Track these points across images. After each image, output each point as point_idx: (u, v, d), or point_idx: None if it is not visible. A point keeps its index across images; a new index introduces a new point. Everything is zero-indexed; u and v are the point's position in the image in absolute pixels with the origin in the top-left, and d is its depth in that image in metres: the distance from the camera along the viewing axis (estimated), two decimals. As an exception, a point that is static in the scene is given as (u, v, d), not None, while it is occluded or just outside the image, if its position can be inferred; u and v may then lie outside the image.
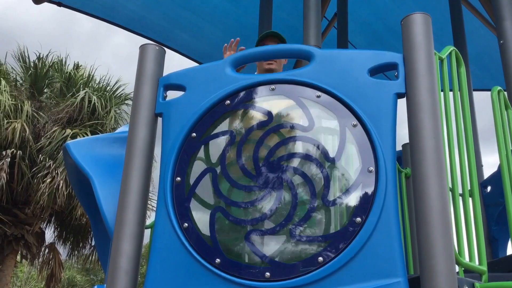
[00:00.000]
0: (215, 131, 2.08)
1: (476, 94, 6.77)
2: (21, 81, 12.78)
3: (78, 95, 12.14)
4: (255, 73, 3.00)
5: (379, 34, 7.10)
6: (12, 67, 12.80)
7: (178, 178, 2.02)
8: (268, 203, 1.90)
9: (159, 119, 2.22)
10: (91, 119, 12.30)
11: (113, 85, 13.46)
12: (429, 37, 1.87)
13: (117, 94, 13.40)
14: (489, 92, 2.48)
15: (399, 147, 3.83)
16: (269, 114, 2.02)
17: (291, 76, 2.06)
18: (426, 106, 1.76)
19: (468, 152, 2.13)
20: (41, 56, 12.76)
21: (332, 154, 1.89)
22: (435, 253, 1.60)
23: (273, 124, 2.00)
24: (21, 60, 12.65)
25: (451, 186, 2.01)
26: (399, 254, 1.66)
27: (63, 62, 13.24)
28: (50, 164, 11.02)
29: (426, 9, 6.62)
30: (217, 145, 2.07)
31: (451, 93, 2.21)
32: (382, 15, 6.86)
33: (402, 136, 1.94)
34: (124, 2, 6.80)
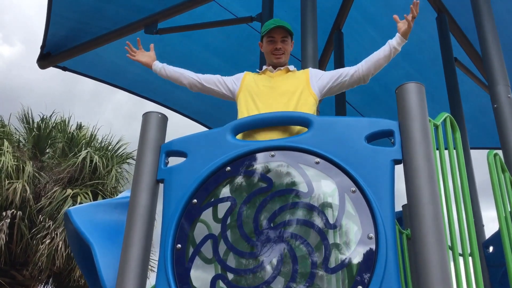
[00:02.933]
0: (216, 198, 2.10)
1: (474, 151, 6.85)
2: (24, 142, 12.91)
3: (80, 155, 12.22)
4: (265, 66, 2.97)
5: (375, 94, 7.25)
6: (15, 128, 12.99)
7: (179, 245, 2.02)
8: (268, 270, 1.89)
9: (161, 185, 2.25)
10: (92, 179, 12.32)
11: (115, 145, 13.60)
12: (423, 105, 1.93)
13: (119, 154, 13.49)
14: (486, 151, 2.52)
15: (399, 207, 3.84)
16: (269, 180, 2.05)
17: (290, 143, 2.10)
18: (423, 173, 1.80)
19: (467, 214, 2.15)
20: (44, 117, 12.97)
21: (332, 220, 1.91)
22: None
23: (273, 190, 2.03)
24: (25, 121, 12.85)
25: (451, 245, 2.02)
26: (401, 324, 1.65)
27: (66, 123, 13.44)
28: (50, 224, 10.94)
29: (421, 71, 6.85)
30: (218, 211, 2.09)
31: (447, 154, 2.26)
32: (378, 76, 7.00)
33: (402, 191, 1.97)
34: (126, 65, 7.01)
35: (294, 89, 2.76)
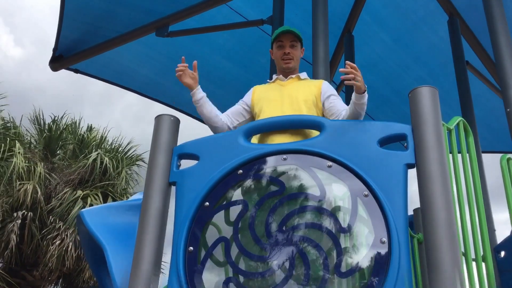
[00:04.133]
0: (228, 201, 2.10)
1: (483, 155, 6.80)
2: (35, 143, 12.99)
3: (90, 157, 12.28)
4: (275, 75, 2.97)
5: (387, 97, 7.23)
6: (27, 129, 13.08)
7: (191, 248, 2.03)
8: (280, 273, 1.89)
9: (173, 188, 2.26)
10: (102, 180, 12.37)
11: (125, 146, 13.65)
12: (436, 109, 1.92)
13: (129, 155, 13.53)
14: (497, 154, 2.51)
15: (410, 211, 3.81)
16: (281, 183, 2.05)
17: (302, 146, 2.10)
18: (436, 177, 1.79)
19: (480, 219, 2.13)
20: (56, 119, 13.05)
21: (344, 224, 1.90)
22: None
23: (285, 193, 2.03)
24: (36, 123, 12.94)
25: (463, 251, 2.01)
26: (415, 329, 1.64)
27: (77, 124, 13.52)
28: (60, 225, 11.00)
29: (432, 74, 6.81)
30: (230, 214, 2.09)
31: (460, 158, 2.24)
32: (389, 79, 7.03)
33: (412, 193, 1.96)
34: (137, 68, 7.05)
35: (306, 98, 2.74)
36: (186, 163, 2.31)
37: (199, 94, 2.81)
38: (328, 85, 2.89)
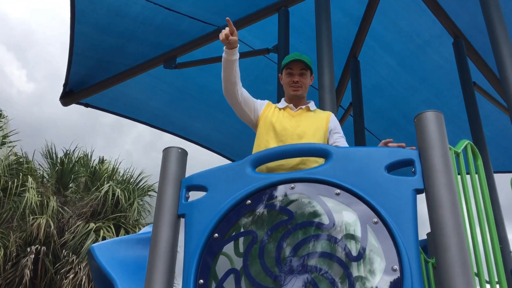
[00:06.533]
0: (237, 231, 2.10)
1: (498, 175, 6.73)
2: (47, 177, 13.10)
3: (102, 189, 12.35)
4: (284, 100, 2.98)
5: (394, 120, 7.23)
6: (39, 164, 13.21)
7: (201, 281, 2.02)
8: (292, 305, 1.87)
9: (182, 220, 2.26)
10: (114, 212, 12.41)
11: (136, 177, 13.71)
12: (442, 133, 1.92)
13: (140, 186, 13.59)
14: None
15: (423, 235, 3.77)
16: (289, 213, 2.05)
17: (309, 175, 2.10)
18: (445, 202, 1.77)
19: (492, 241, 2.11)
20: (68, 152, 13.19)
21: (354, 252, 1.88)
22: None
23: (294, 223, 2.02)
24: (49, 157, 13.07)
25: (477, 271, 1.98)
26: None
27: (89, 157, 13.64)
28: (73, 259, 11.00)
29: (439, 95, 6.81)
30: (240, 246, 2.08)
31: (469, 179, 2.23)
32: (396, 102, 7.03)
33: (424, 213, 1.94)
34: (146, 100, 7.13)
35: (313, 132, 2.77)
36: (195, 195, 2.32)
37: (237, 54, 2.79)
38: (335, 121, 2.93)
